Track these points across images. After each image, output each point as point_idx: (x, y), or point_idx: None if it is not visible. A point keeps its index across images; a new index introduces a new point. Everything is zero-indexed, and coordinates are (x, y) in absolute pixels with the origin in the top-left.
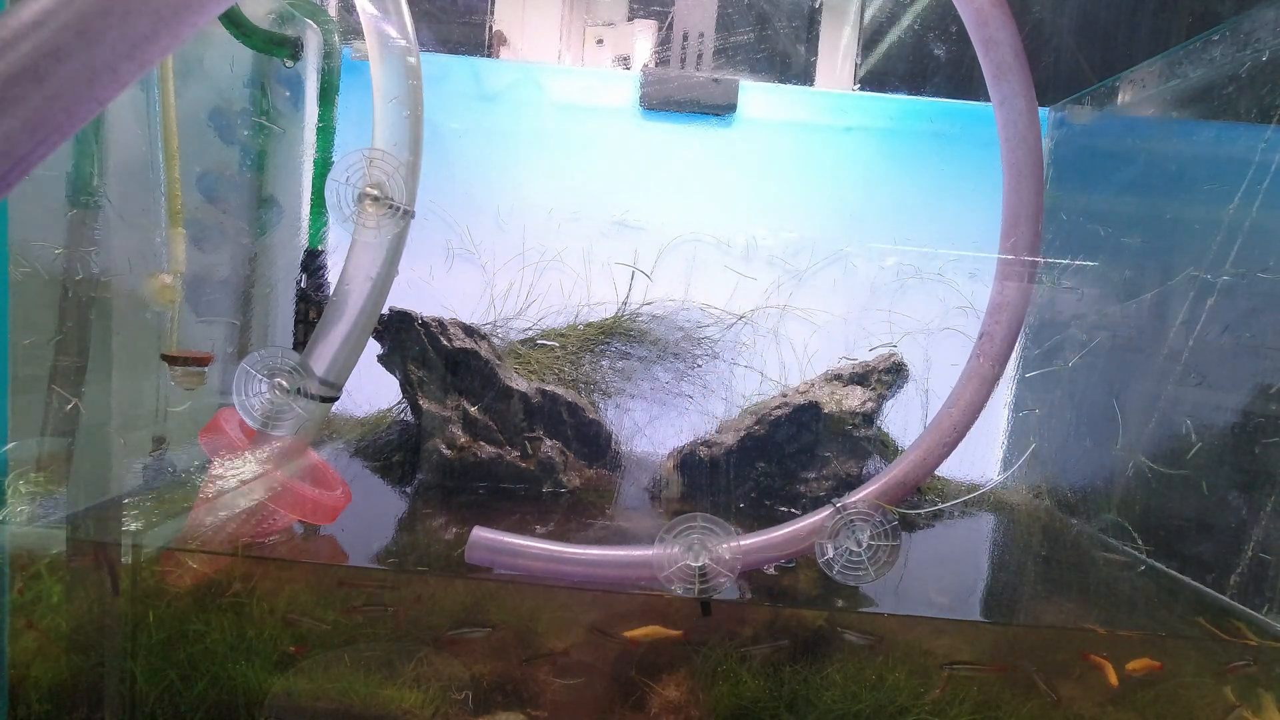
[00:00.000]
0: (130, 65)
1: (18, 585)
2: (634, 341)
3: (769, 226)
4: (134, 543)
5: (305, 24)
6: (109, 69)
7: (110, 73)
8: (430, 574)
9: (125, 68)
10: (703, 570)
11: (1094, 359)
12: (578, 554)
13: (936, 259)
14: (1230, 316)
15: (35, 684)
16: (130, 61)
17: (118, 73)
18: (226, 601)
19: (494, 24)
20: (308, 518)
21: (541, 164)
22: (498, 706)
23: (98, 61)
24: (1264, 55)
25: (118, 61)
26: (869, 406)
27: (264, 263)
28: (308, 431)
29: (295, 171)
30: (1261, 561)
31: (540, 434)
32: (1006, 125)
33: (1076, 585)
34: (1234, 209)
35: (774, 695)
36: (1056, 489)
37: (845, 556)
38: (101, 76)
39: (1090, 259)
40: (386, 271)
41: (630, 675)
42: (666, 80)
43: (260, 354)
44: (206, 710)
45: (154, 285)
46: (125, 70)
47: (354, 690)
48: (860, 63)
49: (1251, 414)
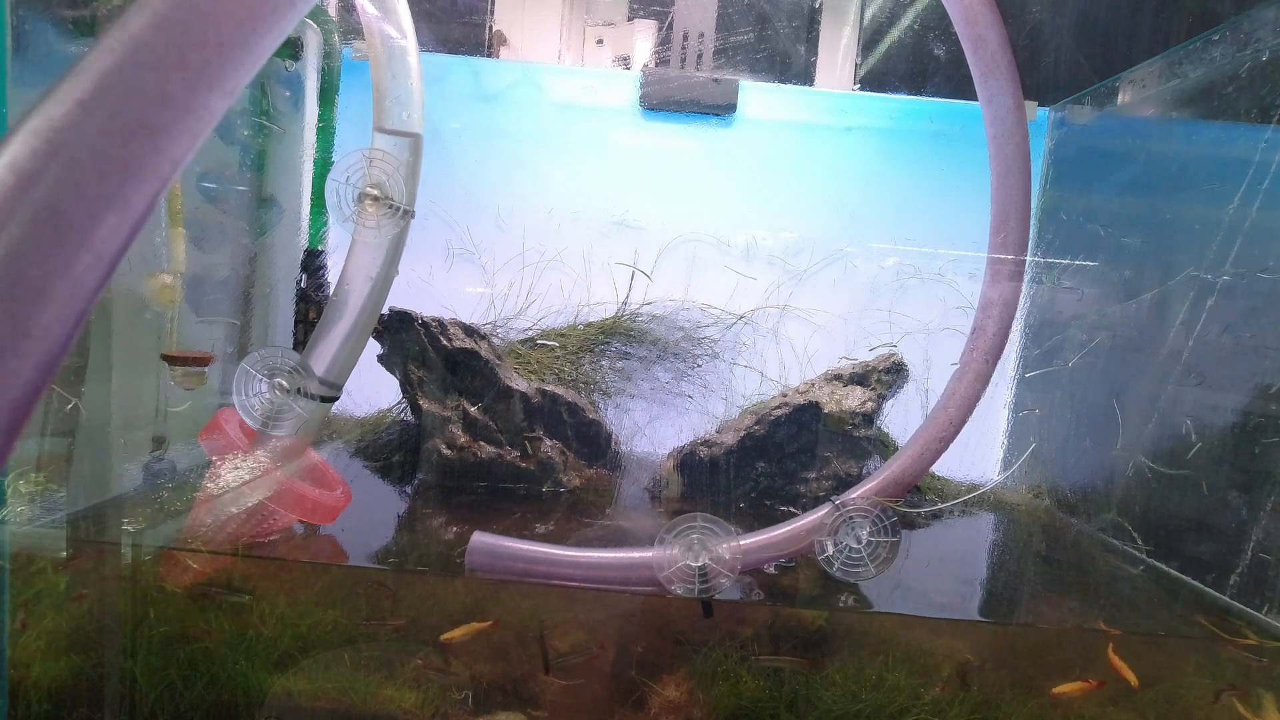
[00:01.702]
0: (220, 100)
1: (20, 619)
2: (634, 341)
3: (769, 226)
4: (134, 542)
5: (305, 24)
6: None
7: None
8: (430, 573)
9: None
10: (703, 570)
11: (1094, 359)
12: (578, 557)
13: (936, 259)
14: (1230, 316)
15: (35, 684)
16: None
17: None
18: (227, 602)
19: (494, 24)
20: (308, 518)
21: (541, 164)
22: (498, 706)
23: (198, 100)
24: (1264, 55)
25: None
26: (869, 406)
27: (264, 263)
28: (308, 431)
29: (295, 171)
30: (1261, 561)
31: (540, 434)
32: (994, 123)
33: (1076, 585)
34: (1234, 209)
35: (774, 695)
36: (1056, 489)
37: (845, 553)
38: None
39: (1090, 259)
40: (386, 271)
41: (630, 675)
42: (666, 80)
43: (260, 354)
44: (206, 710)
45: (154, 285)
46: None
47: (354, 690)
48: (860, 63)
49: (1251, 414)
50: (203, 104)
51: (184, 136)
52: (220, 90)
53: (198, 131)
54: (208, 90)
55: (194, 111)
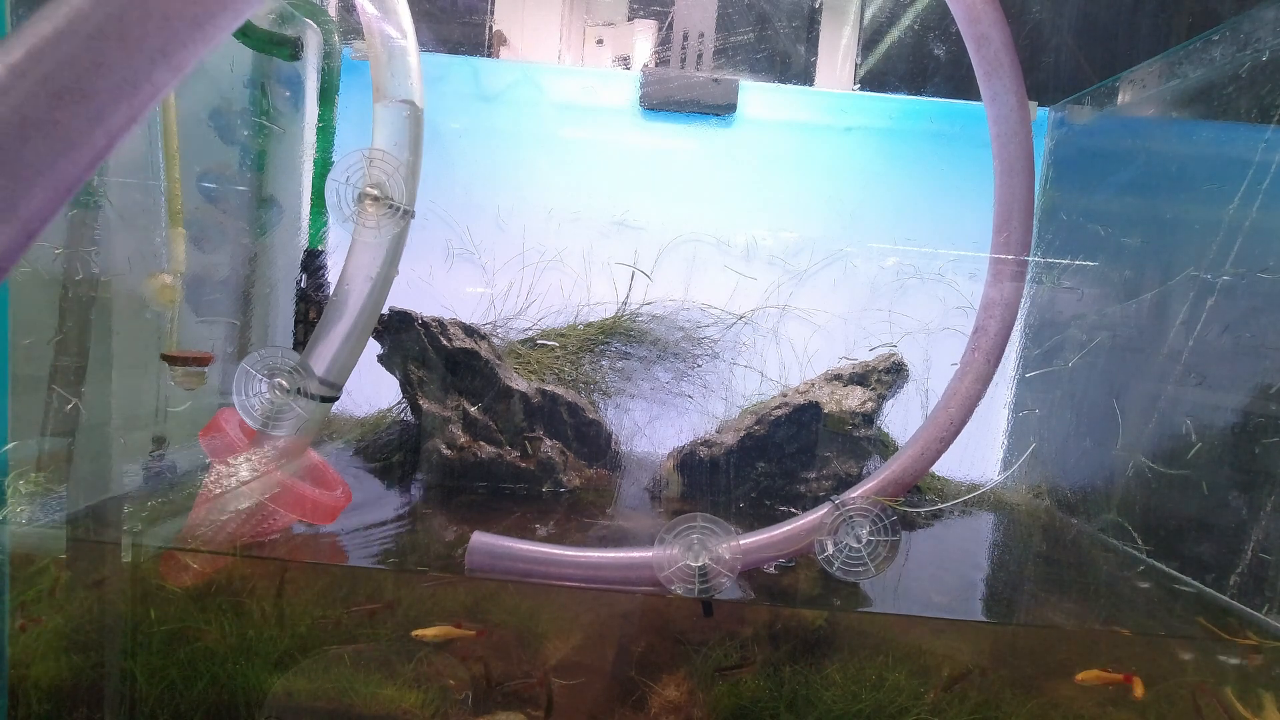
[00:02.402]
0: (165, 73)
1: (19, 623)
2: (634, 341)
3: (769, 226)
4: (134, 542)
5: (305, 24)
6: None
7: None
8: (430, 573)
9: (160, 76)
10: (703, 570)
11: (1094, 359)
12: (578, 557)
13: (936, 259)
14: (1230, 316)
15: (35, 684)
16: (166, 69)
17: (154, 82)
18: (227, 601)
19: (494, 24)
20: (308, 517)
21: (541, 164)
22: (498, 706)
23: (138, 72)
24: (1264, 55)
25: (153, 69)
26: (869, 406)
27: (264, 263)
28: (308, 431)
29: (295, 171)
30: (1261, 561)
31: (540, 434)
32: (998, 121)
33: (1076, 585)
34: (1234, 209)
35: (774, 695)
36: (1056, 489)
37: (845, 553)
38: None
39: (1090, 259)
40: (386, 271)
41: (630, 675)
42: (666, 80)
43: (260, 354)
44: (206, 710)
45: (154, 285)
46: (160, 79)
47: (354, 690)
48: (860, 63)
49: (1251, 414)
50: (144, 76)
51: (121, 106)
52: (166, 64)
53: (138, 104)
54: (149, 62)
55: (133, 82)
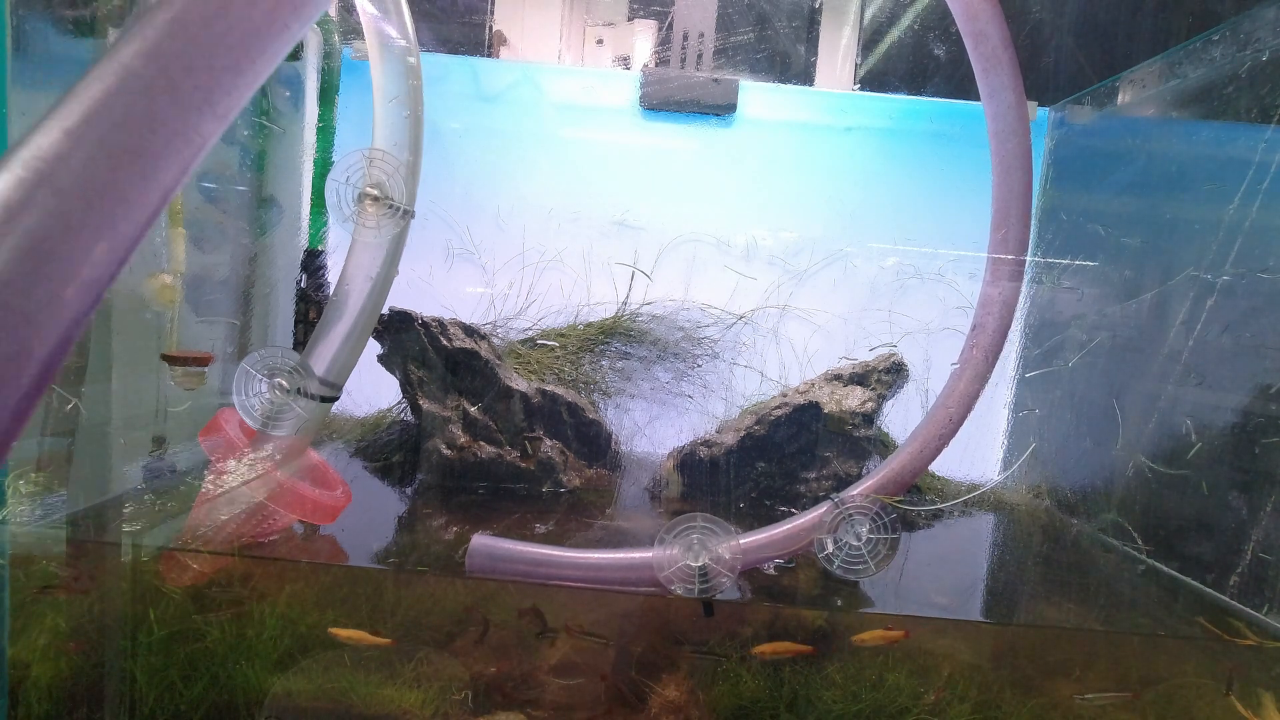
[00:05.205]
0: (212, 123)
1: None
2: (634, 341)
3: (769, 226)
4: (134, 542)
5: None
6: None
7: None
8: (430, 573)
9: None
10: (703, 570)
11: (1094, 359)
12: (578, 558)
13: (936, 259)
14: (1230, 316)
15: (35, 684)
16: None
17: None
18: (226, 601)
19: (494, 24)
20: (308, 518)
21: (541, 164)
22: (498, 706)
23: (188, 125)
24: (1264, 55)
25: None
26: (869, 406)
27: (264, 263)
28: (308, 431)
29: (295, 171)
30: (1261, 561)
31: (540, 434)
32: (996, 118)
33: (1076, 585)
34: (1234, 209)
35: (774, 695)
36: (1056, 489)
37: (845, 551)
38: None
39: (1090, 259)
40: (386, 271)
41: (630, 675)
42: (666, 80)
43: (260, 354)
44: (206, 710)
45: (154, 285)
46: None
47: (354, 690)
48: (860, 63)
49: (1251, 414)
50: (194, 128)
51: (174, 162)
52: (212, 114)
53: (189, 157)
54: (198, 114)
55: (184, 136)
